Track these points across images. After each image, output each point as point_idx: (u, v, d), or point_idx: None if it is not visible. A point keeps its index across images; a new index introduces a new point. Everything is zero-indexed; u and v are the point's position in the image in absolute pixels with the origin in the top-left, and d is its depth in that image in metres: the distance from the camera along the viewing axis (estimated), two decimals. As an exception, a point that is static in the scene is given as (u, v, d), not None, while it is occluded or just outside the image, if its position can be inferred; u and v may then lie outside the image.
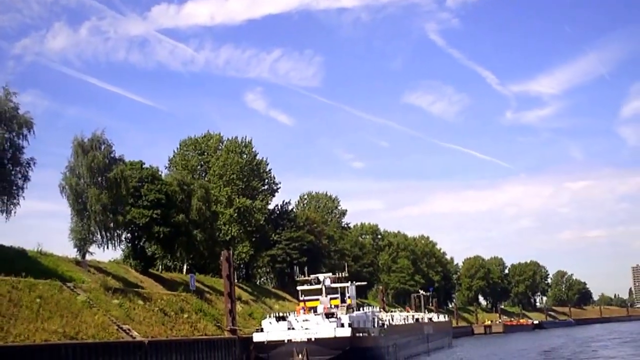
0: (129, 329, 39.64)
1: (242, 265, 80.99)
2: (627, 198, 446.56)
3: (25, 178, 43.37)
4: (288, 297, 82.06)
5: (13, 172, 42.73)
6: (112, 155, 51.82)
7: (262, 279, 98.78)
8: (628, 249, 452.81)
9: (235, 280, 74.03)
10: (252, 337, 48.15)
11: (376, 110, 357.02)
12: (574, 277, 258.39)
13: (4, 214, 42.30)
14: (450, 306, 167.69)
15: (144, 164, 59.38)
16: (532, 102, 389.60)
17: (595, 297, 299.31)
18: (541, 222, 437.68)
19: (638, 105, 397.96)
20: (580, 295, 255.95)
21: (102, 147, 50.99)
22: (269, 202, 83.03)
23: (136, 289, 48.85)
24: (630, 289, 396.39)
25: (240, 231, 74.65)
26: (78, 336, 34.54)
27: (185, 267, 67.96)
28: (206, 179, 75.22)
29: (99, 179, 50.43)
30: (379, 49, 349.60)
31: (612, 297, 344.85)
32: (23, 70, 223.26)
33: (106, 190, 50.18)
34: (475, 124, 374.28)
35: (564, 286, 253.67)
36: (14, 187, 42.59)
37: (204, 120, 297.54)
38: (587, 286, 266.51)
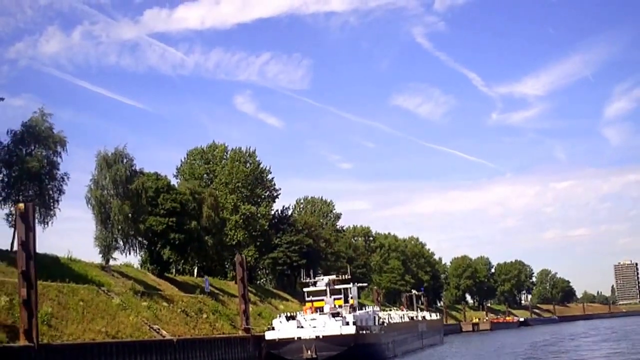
0: (158, 329, 43.85)
1: (247, 269, 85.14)
2: (610, 197, 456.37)
3: (60, 191, 47.47)
4: (289, 297, 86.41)
5: (49, 186, 46.75)
6: (132, 168, 55.98)
7: (262, 281, 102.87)
8: (610, 247, 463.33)
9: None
10: (264, 335, 52.17)
11: (364, 112, 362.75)
12: (557, 276, 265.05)
13: (42, 225, 46.19)
14: (439, 305, 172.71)
15: (160, 175, 63.54)
16: (517, 103, 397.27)
17: (579, 295, 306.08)
18: (526, 222, 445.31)
19: (621, 106, 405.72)
20: (564, 293, 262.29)
21: (124, 161, 55.13)
22: (271, 208, 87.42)
23: (159, 292, 53.04)
24: (613, 287, 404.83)
25: (246, 236, 79.00)
26: (118, 335, 38.72)
27: (195, 270, 72.04)
28: (212, 186, 79.35)
29: (121, 190, 54.59)
30: (367, 52, 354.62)
31: (595, 294, 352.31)
32: (17, 75, 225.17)
33: (128, 200, 54.34)
34: (462, 125, 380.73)
35: (548, 284, 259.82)
36: (50, 200, 46.58)
37: (194, 123, 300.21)
38: (571, 284, 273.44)
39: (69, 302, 38.66)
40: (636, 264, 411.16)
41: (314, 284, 61.25)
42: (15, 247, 45.43)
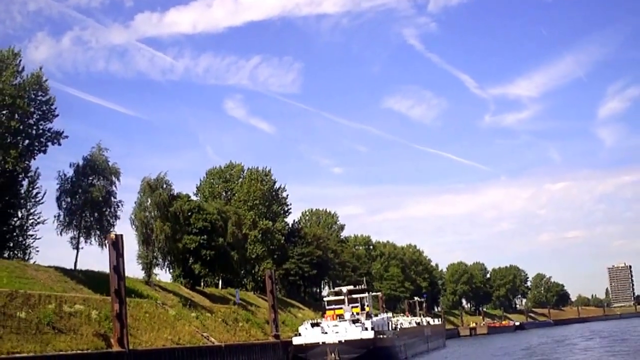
0: (207, 336, 50.31)
1: (264, 280, 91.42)
2: (605, 199, 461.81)
3: (115, 216, 53.94)
4: (301, 306, 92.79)
5: (106, 212, 53.23)
6: (172, 192, 62.55)
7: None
8: (605, 250, 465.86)
9: (257, 293, 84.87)
10: (291, 341, 58.70)
11: (355, 115, 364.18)
12: (552, 280, 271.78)
13: (100, 246, 52.62)
14: (436, 310, 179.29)
15: (190, 196, 70.08)
16: (510, 105, 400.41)
17: (573, 298, 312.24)
18: (521, 225, 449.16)
19: (615, 107, 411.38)
20: (558, 297, 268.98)
21: (165, 186, 61.66)
22: (286, 223, 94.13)
23: (201, 304, 59.48)
24: (607, 289, 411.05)
25: (264, 250, 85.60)
26: (180, 342, 45.07)
27: (220, 283, 78.45)
28: (231, 204, 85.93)
29: (161, 212, 60.99)
30: (358, 54, 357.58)
31: (590, 297, 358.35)
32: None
33: (168, 222, 60.79)
34: (455, 128, 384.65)
35: (543, 288, 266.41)
36: (108, 225, 53.04)
37: (184, 129, 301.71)
38: (565, 288, 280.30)
39: (138, 314, 45.00)
40: (630, 267, 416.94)
41: (335, 293, 67.94)
42: (79, 266, 52.35)
